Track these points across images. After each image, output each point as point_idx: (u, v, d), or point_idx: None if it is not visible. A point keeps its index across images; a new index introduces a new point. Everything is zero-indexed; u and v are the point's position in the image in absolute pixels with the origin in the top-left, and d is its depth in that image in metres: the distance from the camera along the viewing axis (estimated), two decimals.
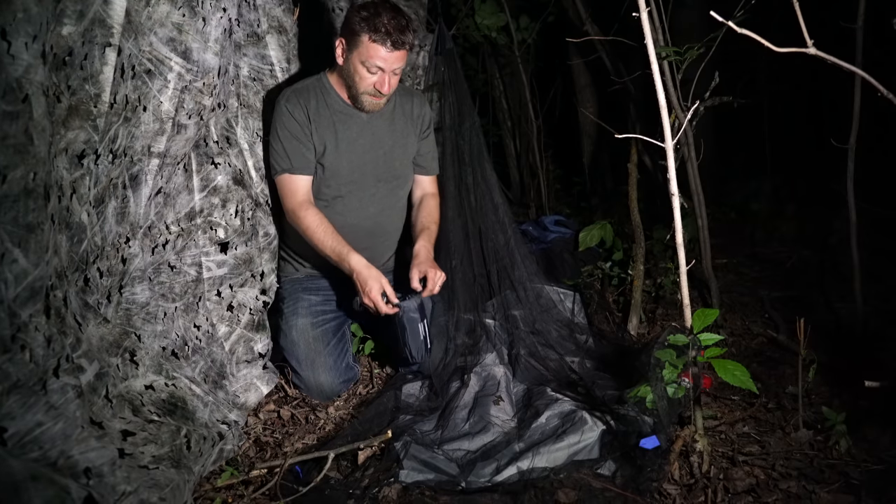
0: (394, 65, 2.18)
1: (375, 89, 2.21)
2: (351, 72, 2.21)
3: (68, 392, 1.41)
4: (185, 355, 1.97)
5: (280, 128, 2.26)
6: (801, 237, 3.75)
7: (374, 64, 2.15)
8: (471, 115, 2.71)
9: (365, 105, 2.28)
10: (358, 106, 2.30)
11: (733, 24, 1.57)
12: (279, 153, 2.27)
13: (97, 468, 1.42)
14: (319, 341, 2.34)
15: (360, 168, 2.36)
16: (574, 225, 3.64)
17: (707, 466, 1.81)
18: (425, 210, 2.49)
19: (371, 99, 2.26)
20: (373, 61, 2.15)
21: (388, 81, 2.20)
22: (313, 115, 2.28)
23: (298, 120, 2.26)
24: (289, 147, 2.26)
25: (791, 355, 2.47)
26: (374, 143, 2.37)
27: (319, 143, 2.30)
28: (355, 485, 1.84)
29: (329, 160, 2.32)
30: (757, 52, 1.86)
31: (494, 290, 2.66)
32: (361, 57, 2.16)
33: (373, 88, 2.21)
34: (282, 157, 2.27)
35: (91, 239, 1.62)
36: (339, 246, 2.23)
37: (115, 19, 1.56)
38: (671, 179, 1.72)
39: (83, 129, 1.54)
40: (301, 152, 2.27)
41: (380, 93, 2.22)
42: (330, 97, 2.31)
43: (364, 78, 2.20)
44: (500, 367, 2.29)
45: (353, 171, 2.35)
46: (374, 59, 2.15)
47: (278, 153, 2.27)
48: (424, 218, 2.47)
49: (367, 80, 2.20)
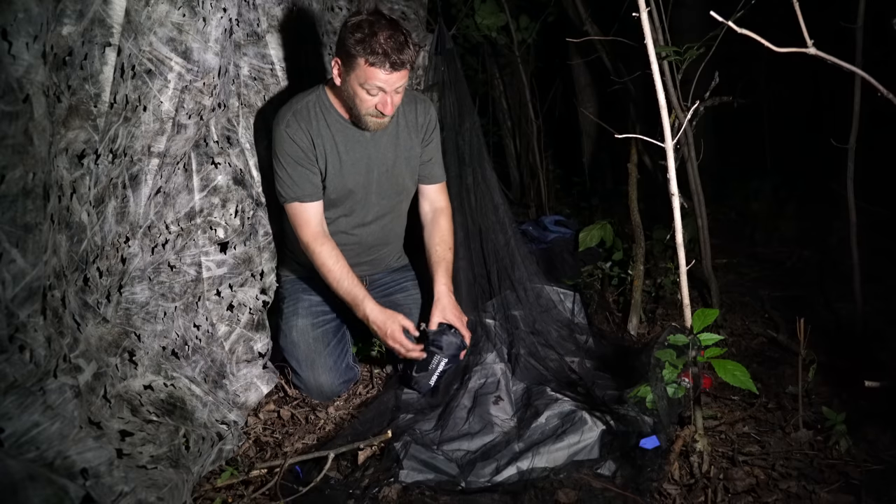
0: (395, 84, 2.07)
1: (378, 110, 2.11)
2: (350, 94, 2.11)
3: (66, 392, 1.41)
4: (185, 355, 1.97)
5: (283, 155, 2.18)
6: (801, 237, 3.75)
7: (375, 86, 2.05)
8: (471, 115, 2.71)
9: (369, 125, 2.19)
10: (361, 126, 2.21)
11: (733, 24, 1.57)
12: (285, 181, 2.19)
13: (94, 468, 1.42)
14: (319, 342, 2.34)
15: (364, 187, 2.30)
16: (574, 225, 3.64)
17: (707, 466, 1.81)
18: (438, 234, 2.39)
19: (374, 119, 2.16)
20: (372, 83, 2.04)
21: (390, 102, 2.09)
22: (315, 136, 2.20)
23: (301, 146, 2.18)
24: (294, 174, 2.18)
25: (791, 355, 2.46)
26: (377, 161, 2.29)
27: (322, 164, 2.23)
28: (355, 485, 1.84)
29: (332, 180, 2.25)
30: (757, 52, 1.86)
31: (494, 290, 2.66)
32: (360, 80, 2.05)
33: (375, 110, 2.11)
34: (288, 185, 2.19)
35: (91, 239, 1.62)
36: (355, 289, 2.21)
37: (115, 19, 1.56)
38: (671, 179, 1.72)
39: (83, 128, 1.54)
40: (308, 178, 2.20)
41: (382, 114, 2.12)
42: (330, 116, 2.23)
43: (364, 100, 2.09)
44: (500, 367, 2.29)
45: (357, 189, 2.29)
46: (373, 82, 2.04)
47: (284, 181, 2.19)
48: (439, 245, 2.37)
49: (367, 103, 2.10)
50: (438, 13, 2.81)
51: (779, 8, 1.88)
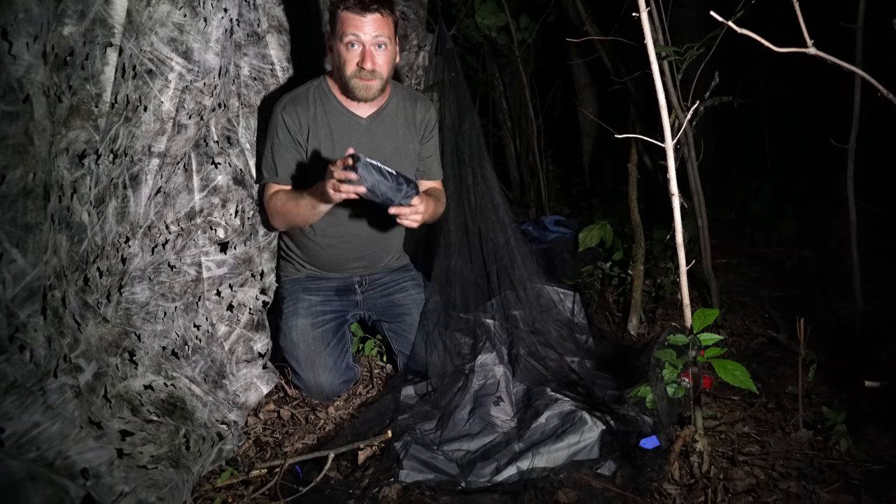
0: (371, 32, 2.09)
1: (359, 67, 2.13)
2: (337, 59, 2.16)
3: (66, 392, 1.41)
4: (185, 355, 1.97)
5: (273, 136, 2.24)
6: (801, 237, 3.75)
7: (350, 34, 2.09)
8: (471, 115, 2.71)
9: (357, 92, 2.20)
10: (352, 96, 2.23)
11: (733, 24, 1.57)
12: (267, 160, 2.25)
13: (95, 468, 1.42)
14: (319, 342, 2.34)
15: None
16: (574, 225, 3.64)
17: (707, 466, 1.81)
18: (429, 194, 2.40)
19: (360, 82, 2.17)
20: (348, 31, 2.08)
21: (370, 56, 2.11)
22: (311, 122, 2.25)
23: (291, 129, 2.23)
24: (278, 157, 2.24)
25: (791, 355, 2.47)
26: (373, 151, 2.29)
27: (315, 151, 2.26)
28: (355, 485, 1.84)
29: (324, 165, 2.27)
30: (757, 52, 1.86)
31: (494, 290, 2.66)
32: (339, 34, 2.11)
33: (357, 68, 2.14)
34: (269, 166, 2.25)
35: (91, 239, 1.62)
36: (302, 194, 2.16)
37: (117, 19, 1.56)
38: (671, 179, 1.72)
39: (84, 128, 1.54)
40: (287, 163, 2.25)
41: (363, 69, 2.13)
42: (329, 102, 2.28)
43: (347, 60, 2.13)
44: (500, 367, 2.29)
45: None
46: (348, 30, 2.08)
47: (266, 161, 2.25)
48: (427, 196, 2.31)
49: (351, 62, 2.13)
50: (438, 13, 2.81)
51: (779, 8, 1.88)
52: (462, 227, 2.63)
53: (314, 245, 2.38)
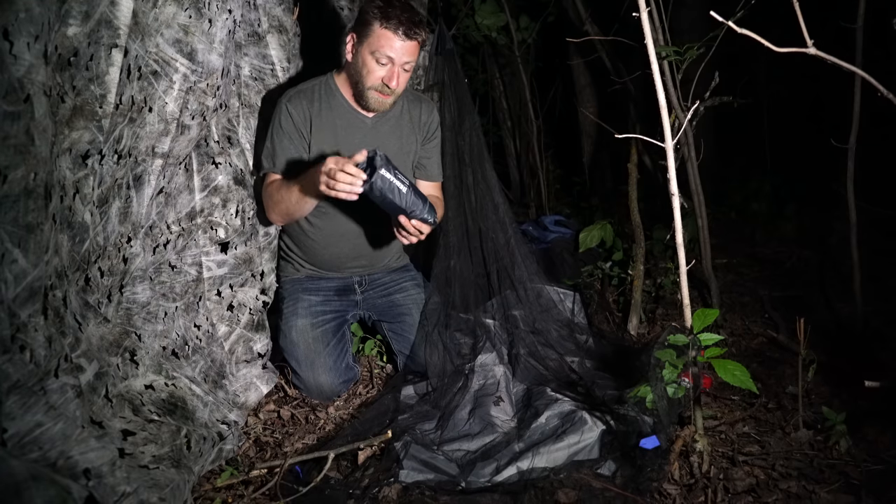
0: (404, 57, 2.12)
1: (383, 83, 2.15)
2: (360, 66, 2.15)
3: (68, 392, 1.41)
4: (186, 355, 1.97)
5: (275, 125, 2.24)
6: (801, 237, 3.75)
7: (385, 54, 2.10)
8: (471, 115, 2.70)
9: (371, 103, 2.22)
10: (363, 104, 2.25)
11: (733, 24, 1.57)
12: (268, 150, 2.25)
13: (97, 468, 1.42)
14: (319, 342, 2.34)
15: None
16: (574, 225, 3.64)
17: (707, 466, 1.81)
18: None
19: (377, 96, 2.20)
20: (383, 51, 2.09)
21: (396, 76, 2.13)
22: (315, 117, 2.26)
23: (295, 120, 2.24)
24: (279, 146, 2.24)
25: (791, 355, 2.47)
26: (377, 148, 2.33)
27: (318, 147, 2.27)
28: (355, 485, 1.84)
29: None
30: (757, 52, 1.86)
31: (494, 289, 2.66)
32: (372, 47, 2.10)
33: (380, 83, 2.15)
34: (268, 156, 2.25)
35: (93, 239, 1.63)
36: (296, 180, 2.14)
37: (122, 20, 1.56)
38: (671, 179, 1.73)
39: (88, 129, 1.54)
40: (288, 154, 2.25)
41: (387, 87, 2.15)
42: (335, 99, 2.29)
43: (372, 71, 2.14)
44: (500, 367, 2.30)
45: None
46: (384, 49, 2.09)
47: (267, 150, 2.25)
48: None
49: (375, 74, 2.14)
50: (438, 13, 2.81)
51: (779, 8, 1.88)
52: (462, 227, 2.62)
53: (314, 244, 2.38)
